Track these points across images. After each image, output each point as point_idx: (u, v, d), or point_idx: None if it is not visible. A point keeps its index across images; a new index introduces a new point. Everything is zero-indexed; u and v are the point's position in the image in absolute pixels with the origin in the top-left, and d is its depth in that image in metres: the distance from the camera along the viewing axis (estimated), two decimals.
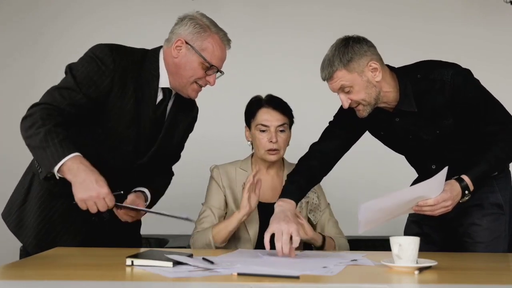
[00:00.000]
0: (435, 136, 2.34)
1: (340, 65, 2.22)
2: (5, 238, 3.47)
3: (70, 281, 1.67)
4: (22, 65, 3.78)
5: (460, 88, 2.25)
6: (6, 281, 1.66)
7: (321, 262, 1.95)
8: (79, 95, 2.18)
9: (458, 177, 2.22)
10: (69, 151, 2.06)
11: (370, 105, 2.28)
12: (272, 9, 3.84)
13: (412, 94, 2.29)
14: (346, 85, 2.24)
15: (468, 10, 3.84)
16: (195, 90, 2.29)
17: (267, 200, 2.53)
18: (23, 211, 2.33)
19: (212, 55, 2.23)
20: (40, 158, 2.09)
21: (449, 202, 2.17)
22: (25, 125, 2.13)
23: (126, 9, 3.82)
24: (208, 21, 2.28)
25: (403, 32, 3.79)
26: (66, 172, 2.05)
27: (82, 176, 2.04)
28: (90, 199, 2.04)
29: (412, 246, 1.83)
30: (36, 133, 2.08)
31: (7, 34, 3.79)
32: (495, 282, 1.77)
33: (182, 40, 2.24)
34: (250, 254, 2.14)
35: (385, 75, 2.28)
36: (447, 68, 2.29)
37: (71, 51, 3.78)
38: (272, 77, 3.72)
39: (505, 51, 3.83)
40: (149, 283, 1.70)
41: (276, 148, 2.50)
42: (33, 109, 2.15)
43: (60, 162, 2.04)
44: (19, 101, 3.77)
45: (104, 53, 2.21)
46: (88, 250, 2.21)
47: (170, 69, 2.27)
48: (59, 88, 2.21)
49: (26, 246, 2.31)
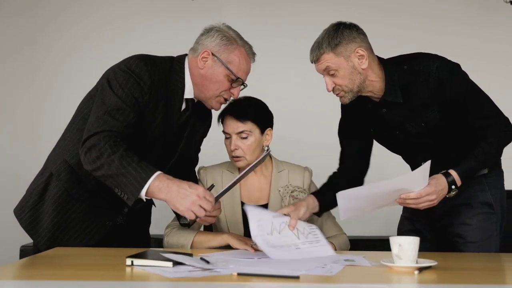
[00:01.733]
0: (421, 128, 2.33)
1: (328, 48, 2.26)
2: (5, 238, 3.49)
3: (70, 281, 1.67)
4: (22, 65, 3.78)
5: (444, 81, 2.25)
6: (6, 281, 1.66)
7: (321, 262, 1.95)
8: (131, 114, 2.16)
9: (445, 172, 2.22)
10: (151, 171, 2.04)
11: (352, 92, 2.29)
12: (272, 10, 3.84)
13: (398, 85, 2.30)
14: (331, 67, 2.26)
15: (468, 10, 3.84)
16: (220, 102, 2.30)
17: (254, 201, 2.51)
18: (37, 210, 2.32)
19: (238, 68, 2.24)
20: (122, 185, 2.04)
21: (433, 196, 2.17)
22: (91, 156, 2.08)
23: (127, 9, 3.82)
24: (235, 33, 2.28)
25: (403, 32, 3.79)
26: (156, 192, 2.03)
27: (174, 189, 2.02)
28: (193, 204, 2.01)
29: (412, 246, 1.83)
30: (109, 161, 2.04)
31: (7, 34, 3.79)
32: (495, 282, 1.78)
33: (208, 51, 2.24)
34: (242, 255, 2.13)
35: (373, 64, 2.30)
36: (433, 60, 2.29)
37: (71, 51, 3.83)
38: (272, 77, 3.72)
39: (505, 51, 3.83)
40: (149, 283, 1.70)
41: (238, 155, 2.47)
42: (94, 139, 2.09)
43: (146, 185, 2.02)
44: (19, 101, 3.79)
45: (140, 68, 2.19)
46: (88, 250, 2.21)
47: (196, 80, 2.27)
48: (109, 112, 2.13)
49: (39, 246, 2.30)
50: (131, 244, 2.28)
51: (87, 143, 2.10)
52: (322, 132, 3.69)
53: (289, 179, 2.53)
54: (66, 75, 3.77)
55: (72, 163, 2.29)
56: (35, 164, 2.63)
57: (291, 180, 2.53)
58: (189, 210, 2.02)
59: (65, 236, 2.29)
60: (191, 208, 2.01)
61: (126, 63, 2.22)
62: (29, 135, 3.73)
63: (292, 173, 2.55)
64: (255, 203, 2.48)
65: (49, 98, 3.76)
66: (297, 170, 2.57)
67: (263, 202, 2.51)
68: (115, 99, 2.15)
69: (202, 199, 2.02)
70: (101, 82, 2.25)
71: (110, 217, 2.33)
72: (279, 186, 2.51)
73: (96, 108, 2.17)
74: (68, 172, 2.29)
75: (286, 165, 2.58)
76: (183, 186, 2.03)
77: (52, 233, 2.29)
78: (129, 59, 2.24)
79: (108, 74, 2.24)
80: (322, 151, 3.59)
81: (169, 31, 3.71)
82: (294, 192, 2.50)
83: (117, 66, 2.25)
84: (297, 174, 2.55)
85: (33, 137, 3.73)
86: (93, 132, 2.11)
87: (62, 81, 3.77)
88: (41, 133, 3.70)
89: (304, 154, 3.28)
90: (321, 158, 3.21)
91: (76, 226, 2.30)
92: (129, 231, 2.39)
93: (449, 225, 2.39)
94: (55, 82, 3.78)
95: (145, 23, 3.80)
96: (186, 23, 3.68)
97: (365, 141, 2.51)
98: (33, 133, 3.74)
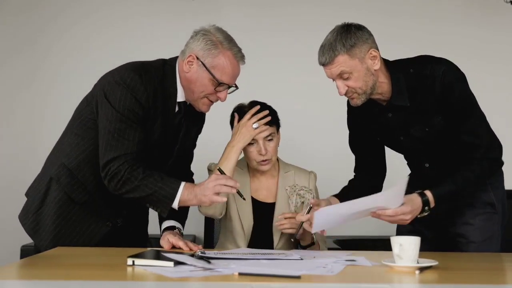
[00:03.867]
0: (425, 133, 2.32)
1: (343, 50, 2.19)
2: (5, 238, 3.49)
3: (71, 281, 1.67)
4: (22, 65, 3.78)
5: (449, 86, 2.23)
6: (6, 281, 1.66)
7: (322, 262, 1.95)
8: (138, 129, 2.22)
9: (421, 192, 2.19)
10: (176, 185, 2.18)
11: (366, 94, 2.26)
12: (273, 10, 3.83)
13: (406, 88, 2.27)
14: (346, 71, 2.21)
15: (468, 10, 3.84)
16: (206, 104, 2.32)
17: (261, 199, 2.59)
18: (39, 214, 2.34)
19: (222, 72, 2.24)
20: (154, 203, 2.21)
21: (408, 216, 2.15)
22: (116, 185, 2.19)
23: (127, 9, 3.81)
24: (222, 36, 2.26)
25: (403, 32, 3.78)
26: (188, 202, 2.20)
27: (198, 191, 2.18)
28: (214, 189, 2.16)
29: (413, 246, 1.83)
30: (137, 186, 2.17)
31: (7, 34, 3.79)
32: (496, 282, 1.78)
33: (193, 55, 2.25)
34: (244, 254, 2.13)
35: (381, 66, 2.28)
36: (439, 64, 2.26)
37: (71, 51, 3.83)
38: (272, 77, 3.72)
39: (505, 51, 3.82)
40: (150, 283, 1.70)
41: (267, 159, 2.52)
42: (114, 167, 2.18)
43: (176, 201, 2.18)
44: (19, 101, 3.79)
45: (135, 81, 2.22)
46: (89, 250, 2.21)
47: (183, 83, 2.30)
48: (118, 132, 2.19)
49: (42, 249, 2.31)
50: (130, 244, 2.29)
51: (108, 171, 2.19)
52: (322, 133, 3.70)
53: (295, 180, 2.61)
54: (66, 75, 3.76)
55: (71, 167, 2.32)
56: (35, 165, 2.63)
57: (297, 181, 2.61)
58: (214, 195, 2.16)
59: (67, 238, 2.30)
60: (215, 192, 2.16)
61: (121, 76, 2.23)
62: (29, 135, 3.73)
63: (298, 175, 2.64)
64: (263, 201, 2.59)
65: (49, 98, 3.76)
66: (302, 172, 2.66)
67: (271, 200, 2.59)
68: (119, 117, 2.20)
69: (218, 179, 2.17)
70: (98, 94, 2.27)
71: (110, 218, 2.35)
72: (286, 185, 2.59)
73: (103, 128, 2.22)
74: (67, 176, 2.32)
75: (292, 167, 2.67)
76: (200, 184, 2.20)
77: (54, 236, 2.30)
78: (123, 71, 2.26)
79: (104, 86, 2.26)
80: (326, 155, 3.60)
81: (169, 31, 3.71)
82: (301, 191, 2.57)
83: (112, 77, 2.26)
84: (303, 176, 2.64)
85: (33, 137, 3.72)
86: (110, 157, 2.19)
87: (62, 81, 3.76)
88: (41, 133, 3.69)
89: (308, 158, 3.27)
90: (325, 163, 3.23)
91: (77, 228, 2.32)
92: (128, 232, 2.41)
93: (451, 225, 2.39)
94: (55, 82, 3.77)
95: (145, 23, 3.80)
96: (186, 23, 3.65)
97: (377, 151, 2.51)
98: (33, 133, 3.73)
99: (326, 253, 2.34)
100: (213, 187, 2.16)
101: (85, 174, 2.31)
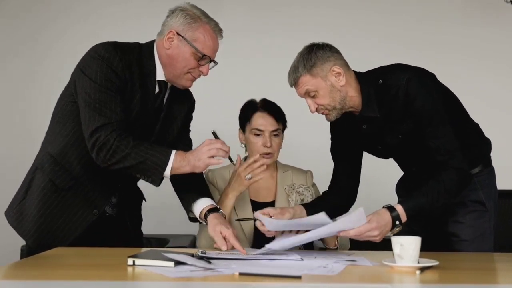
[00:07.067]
0: (399, 140, 2.34)
1: (304, 71, 2.28)
2: (6, 238, 3.48)
3: (71, 281, 1.67)
4: (22, 65, 3.78)
5: (410, 94, 2.23)
6: (6, 281, 1.66)
7: (322, 262, 1.95)
8: (118, 99, 2.21)
9: (390, 206, 2.17)
10: (168, 152, 2.17)
11: (336, 109, 2.30)
12: (273, 10, 3.84)
13: (375, 99, 2.30)
14: (311, 89, 2.28)
15: (468, 10, 3.84)
16: (190, 80, 2.32)
17: (261, 199, 2.63)
18: (23, 205, 2.32)
19: (203, 45, 2.25)
20: (145, 171, 2.19)
21: (375, 232, 2.10)
22: (105, 155, 2.16)
23: (127, 9, 3.81)
24: (199, 11, 2.30)
25: (403, 32, 3.78)
26: (180, 169, 2.18)
27: (190, 157, 2.17)
28: (208, 152, 2.15)
29: (413, 246, 1.83)
30: (127, 154, 2.15)
31: (7, 34, 3.79)
32: (497, 282, 1.78)
33: (173, 31, 2.26)
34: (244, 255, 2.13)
35: (350, 80, 2.31)
36: (404, 72, 2.28)
37: (71, 51, 3.79)
38: (272, 77, 3.70)
39: (505, 51, 3.82)
40: (151, 283, 1.70)
41: (270, 152, 2.58)
42: (101, 136, 2.15)
43: (168, 168, 2.16)
44: (19, 101, 3.78)
45: (109, 53, 2.23)
46: (89, 250, 2.21)
47: (164, 61, 2.30)
48: (99, 103, 2.18)
49: (26, 239, 2.30)
50: (123, 238, 2.31)
51: (95, 141, 2.16)
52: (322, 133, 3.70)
53: (293, 179, 2.67)
54: (66, 75, 3.74)
55: (54, 153, 2.32)
56: None
57: (295, 180, 2.67)
58: (209, 159, 2.16)
59: (52, 227, 2.28)
60: (209, 155, 2.16)
61: (96, 50, 2.26)
62: (29, 136, 3.72)
63: (296, 174, 2.70)
64: (262, 200, 2.62)
65: (48, 98, 3.75)
66: (299, 171, 2.73)
67: (270, 199, 2.63)
68: (97, 88, 2.19)
69: (212, 143, 2.17)
70: (76, 73, 2.29)
71: (97, 206, 2.32)
72: (285, 184, 2.64)
73: (83, 101, 2.21)
74: (51, 163, 2.31)
75: (289, 167, 2.72)
76: (193, 151, 2.21)
77: (39, 225, 2.28)
78: (97, 46, 2.28)
79: (80, 64, 2.28)
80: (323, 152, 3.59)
81: None
82: (299, 189, 2.62)
83: (87, 54, 2.28)
84: (300, 175, 2.70)
85: (33, 137, 3.71)
86: (95, 127, 2.16)
87: (62, 81, 3.73)
88: (40, 134, 3.67)
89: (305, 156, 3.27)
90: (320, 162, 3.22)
91: (63, 216, 2.29)
92: (120, 224, 2.39)
93: (444, 224, 2.41)
94: (55, 82, 3.75)
95: (145, 23, 3.79)
96: None
97: (354, 160, 2.52)
98: (32, 133, 3.72)
99: (326, 253, 2.33)
100: (208, 151, 2.16)
101: (69, 159, 2.29)
